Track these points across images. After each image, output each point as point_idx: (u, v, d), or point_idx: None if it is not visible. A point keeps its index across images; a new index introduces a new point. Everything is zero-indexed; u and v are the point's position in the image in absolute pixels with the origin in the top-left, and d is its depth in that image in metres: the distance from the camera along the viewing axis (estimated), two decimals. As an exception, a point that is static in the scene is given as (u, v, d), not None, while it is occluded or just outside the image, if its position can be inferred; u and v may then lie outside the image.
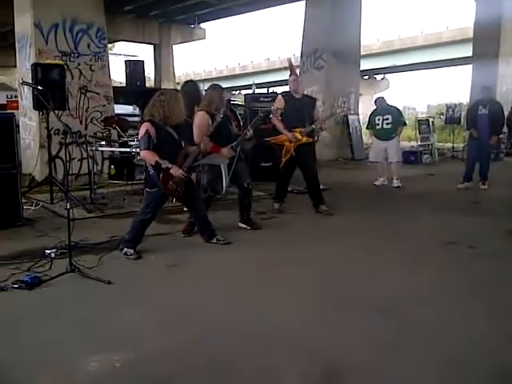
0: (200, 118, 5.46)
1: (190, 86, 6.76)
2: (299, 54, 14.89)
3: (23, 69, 9.06)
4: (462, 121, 14.26)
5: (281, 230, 5.80)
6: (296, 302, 3.62)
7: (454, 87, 79.60)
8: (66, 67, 7.80)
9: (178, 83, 24.84)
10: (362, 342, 2.99)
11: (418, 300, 3.66)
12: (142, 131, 4.70)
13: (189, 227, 5.52)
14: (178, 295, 3.75)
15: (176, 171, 4.63)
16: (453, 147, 14.92)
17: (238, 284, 3.99)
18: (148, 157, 4.66)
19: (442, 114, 15.72)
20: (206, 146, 5.25)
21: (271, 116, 6.52)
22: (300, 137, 6.27)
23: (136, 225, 4.84)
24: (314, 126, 6.34)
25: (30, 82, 6.86)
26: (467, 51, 19.00)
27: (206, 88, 6.34)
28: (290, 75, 6.73)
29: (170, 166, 4.61)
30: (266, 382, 2.63)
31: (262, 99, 9.66)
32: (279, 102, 6.52)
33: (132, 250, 4.70)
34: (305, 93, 6.83)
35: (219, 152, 5.34)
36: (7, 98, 11.82)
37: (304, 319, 3.33)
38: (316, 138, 6.63)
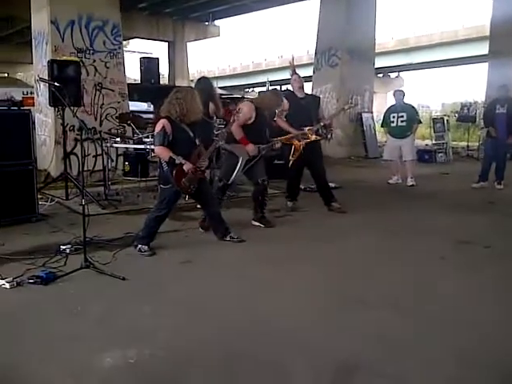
0: (246, 108, 5.52)
1: (204, 82, 6.76)
2: (313, 52, 14.84)
3: (39, 65, 9.12)
4: (477, 119, 14.13)
5: (294, 228, 5.80)
6: (309, 299, 3.62)
7: (469, 85, 78.89)
8: (81, 64, 7.85)
9: (191, 80, 24.90)
10: (375, 341, 2.98)
11: (432, 298, 3.64)
12: (158, 127, 4.71)
13: (204, 222, 5.53)
14: (192, 292, 3.76)
15: (188, 167, 4.65)
16: (467, 146, 14.78)
17: (251, 281, 4.00)
18: (162, 153, 4.67)
19: (457, 112, 15.58)
20: (238, 134, 5.34)
21: (276, 118, 6.45)
22: (309, 135, 6.26)
23: (150, 221, 4.86)
24: (322, 124, 6.32)
25: (46, 78, 6.91)
26: (483, 49, 18.81)
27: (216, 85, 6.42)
28: (292, 75, 6.70)
29: (183, 161, 4.63)
30: (279, 380, 2.63)
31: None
32: (283, 104, 6.38)
33: (146, 247, 4.73)
34: (317, 90, 6.82)
35: (246, 145, 5.41)
36: (23, 94, 11.93)
37: (317, 317, 3.33)
38: (329, 136, 6.62)
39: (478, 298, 3.66)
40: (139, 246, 4.74)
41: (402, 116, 8.93)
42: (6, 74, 33.31)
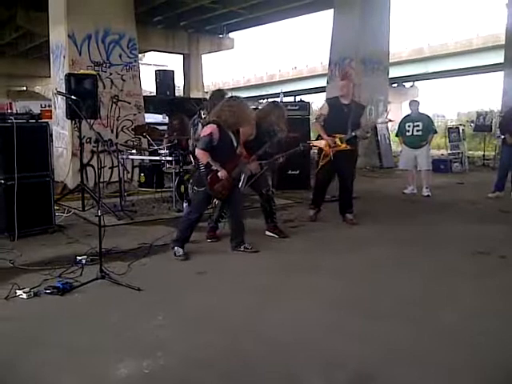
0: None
1: (218, 95, 6.81)
2: (327, 62, 14.87)
3: (57, 79, 9.28)
4: (493, 128, 14.00)
5: (308, 239, 5.78)
6: (320, 310, 3.62)
7: (484, 94, 78.23)
8: (98, 77, 7.96)
9: (206, 92, 25.09)
10: (386, 351, 2.97)
11: (446, 309, 3.61)
12: (206, 131, 4.84)
13: (212, 232, 5.62)
14: (206, 302, 3.77)
15: (223, 175, 4.78)
16: (483, 155, 14.66)
17: (265, 292, 3.99)
18: (202, 156, 4.83)
19: (473, 121, 15.46)
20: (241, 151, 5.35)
21: (314, 121, 6.46)
22: (339, 143, 6.17)
23: (183, 224, 5.03)
24: (354, 134, 6.18)
25: (64, 91, 7.02)
26: (499, 58, 18.69)
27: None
28: (342, 79, 6.61)
29: (219, 168, 4.78)
30: (293, 390, 2.62)
31: (289, 107, 9.65)
32: (323, 109, 6.48)
33: (181, 250, 4.89)
34: (355, 99, 6.63)
35: (248, 162, 5.39)
36: (41, 107, 12.11)
37: (329, 327, 3.32)
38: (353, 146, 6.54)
39: (493, 308, 3.61)
40: (175, 248, 4.91)
41: (418, 125, 8.89)
42: (25, 88, 33.94)
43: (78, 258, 4.66)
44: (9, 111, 9.53)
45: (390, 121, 6.89)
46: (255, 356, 2.92)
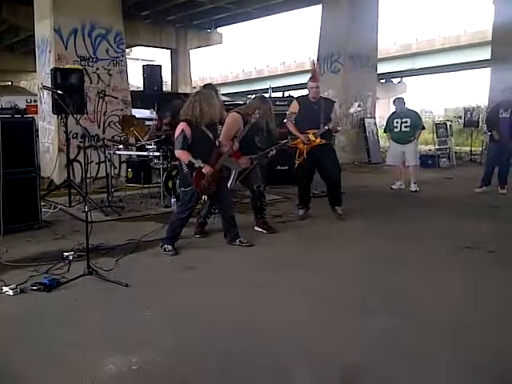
0: (232, 120, 5.54)
1: (209, 89, 6.78)
2: (315, 58, 14.87)
3: (43, 73, 9.19)
4: (480, 124, 14.12)
5: (297, 234, 5.79)
6: (311, 304, 3.62)
7: (471, 90, 78.89)
8: (84, 72, 7.89)
9: (194, 87, 25.00)
10: (378, 346, 2.98)
11: (434, 303, 3.63)
12: (177, 131, 4.85)
13: (200, 228, 5.62)
14: (195, 298, 3.76)
15: (207, 170, 4.77)
16: (471, 151, 14.78)
17: (253, 287, 3.99)
18: (182, 156, 4.83)
19: (460, 117, 15.57)
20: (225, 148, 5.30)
21: (285, 120, 6.42)
22: (313, 138, 6.17)
23: (173, 224, 5.02)
24: (326, 127, 6.18)
25: (50, 86, 6.95)
26: (485, 54, 18.82)
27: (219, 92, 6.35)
28: (312, 80, 6.48)
29: (202, 165, 4.77)
30: (282, 385, 2.62)
31: (278, 103, 9.64)
32: (293, 106, 6.48)
33: (170, 247, 4.91)
34: (323, 95, 6.62)
35: (238, 158, 5.37)
36: (27, 102, 12.00)
37: (319, 322, 3.32)
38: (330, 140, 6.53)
39: (483, 303, 3.64)
40: (164, 245, 4.92)
41: (406, 122, 8.93)
42: (10, 83, 33.54)
43: (65, 254, 4.63)
44: (-6, 106, 9.44)
45: (360, 107, 6.85)
46: (245, 351, 2.92)
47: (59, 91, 5.59)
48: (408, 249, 5.11)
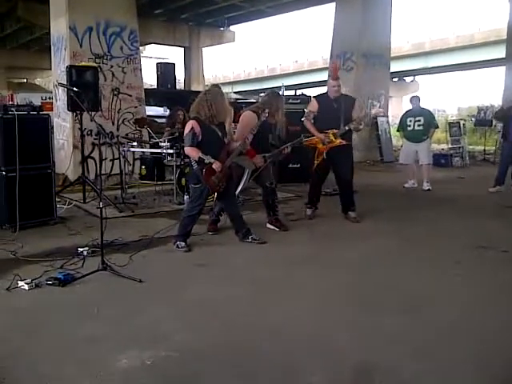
0: (248, 118, 5.53)
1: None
2: (328, 56, 14.85)
3: (58, 71, 9.27)
4: (494, 123, 14.00)
5: (309, 231, 5.80)
6: (322, 302, 3.63)
7: (485, 89, 78.09)
8: (99, 69, 7.95)
9: (206, 85, 25.04)
10: (389, 344, 2.98)
11: (447, 302, 3.63)
12: (187, 128, 4.90)
13: (213, 225, 5.64)
14: (208, 294, 3.79)
15: (217, 166, 4.80)
16: (484, 150, 14.66)
17: (265, 284, 4.01)
18: (192, 153, 4.86)
19: (473, 116, 15.45)
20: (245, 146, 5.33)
21: (303, 119, 6.27)
22: (333, 138, 5.99)
23: (184, 220, 5.06)
24: (347, 128, 6.00)
25: (65, 83, 7.01)
26: (500, 52, 18.64)
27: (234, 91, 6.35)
28: (332, 78, 6.35)
29: (212, 161, 4.80)
30: (295, 381, 2.64)
31: (290, 101, 9.66)
32: (312, 105, 6.29)
33: (183, 243, 4.95)
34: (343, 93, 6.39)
35: (252, 157, 5.38)
36: (42, 99, 12.10)
37: (331, 320, 3.33)
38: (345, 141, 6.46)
39: (495, 303, 3.62)
40: (177, 242, 4.96)
41: (419, 120, 8.89)
42: (25, 80, 33.87)
43: (80, 249, 4.67)
44: (10, 103, 9.53)
45: (383, 114, 6.67)
46: (257, 348, 2.94)
47: (74, 88, 5.64)
48: (421, 248, 5.10)
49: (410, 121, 8.99)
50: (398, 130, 9.85)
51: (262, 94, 6.13)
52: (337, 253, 4.91)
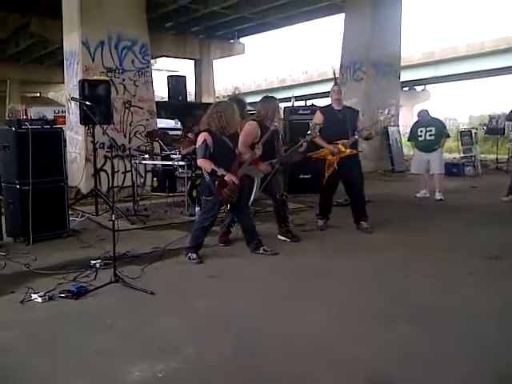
0: (250, 127, 5.55)
1: (237, 101, 6.84)
2: (338, 66, 14.87)
3: (70, 85, 9.38)
4: (506, 131, 13.89)
5: (320, 243, 5.78)
6: (334, 314, 3.62)
7: (496, 97, 77.61)
8: (111, 83, 8.04)
9: (217, 97, 25.19)
10: (401, 356, 2.96)
11: (460, 314, 3.59)
12: (199, 140, 4.94)
13: (224, 237, 5.65)
14: (219, 305, 3.79)
15: (230, 178, 4.82)
16: (497, 159, 14.52)
17: (277, 296, 4.01)
18: (204, 165, 4.89)
19: (485, 125, 15.34)
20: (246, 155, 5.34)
21: (309, 132, 6.15)
22: (343, 149, 6.01)
23: (196, 232, 5.08)
24: (356, 137, 6.10)
25: (78, 97, 7.09)
26: (511, 60, 18.56)
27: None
28: (334, 85, 6.49)
29: (224, 173, 4.83)
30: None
31: (300, 112, 9.69)
32: (318, 117, 6.30)
33: (195, 255, 4.97)
34: (346, 104, 6.53)
35: (258, 165, 5.39)
36: (55, 113, 12.23)
37: (342, 332, 3.32)
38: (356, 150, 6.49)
39: (507, 316, 3.58)
40: (189, 254, 4.98)
41: (431, 130, 8.85)
42: (39, 94, 34.31)
43: (92, 262, 4.70)
44: (24, 117, 9.65)
45: (392, 116, 6.74)
46: (270, 360, 2.93)
47: (87, 102, 5.70)
48: (433, 259, 5.06)
49: (421, 131, 8.96)
50: (408, 140, 9.82)
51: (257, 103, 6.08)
52: (349, 264, 4.89)
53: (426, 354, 2.99)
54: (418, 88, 38.92)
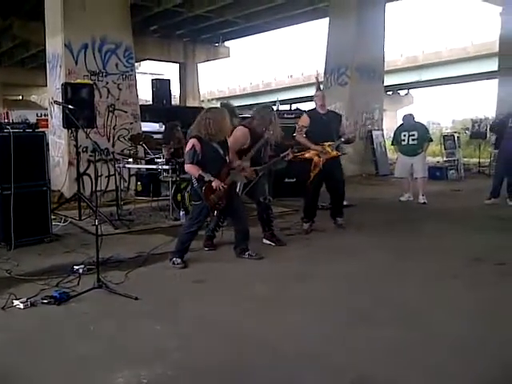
0: (239, 134, 5.56)
1: (227, 107, 6.86)
2: (323, 71, 14.95)
3: (53, 88, 9.29)
4: (488, 135, 14.08)
5: (305, 246, 5.79)
6: (321, 317, 3.62)
7: (479, 102, 78.71)
8: (94, 86, 7.98)
9: (202, 101, 25.15)
10: (386, 357, 2.98)
11: (443, 316, 3.62)
12: (188, 146, 4.93)
13: (209, 241, 5.63)
14: (204, 311, 3.77)
15: (217, 184, 4.79)
16: (479, 162, 14.71)
17: (263, 300, 4.00)
18: (192, 170, 4.88)
19: (467, 129, 15.52)
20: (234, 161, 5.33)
21: (296, 134, 6.42)
22: (330, 150, 6.21)
23: (183, 237, 5.04)
24: (342, 140, 6.36)
25: (60, 101, 7.03)
26: (493, 65, 18.84)
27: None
28: (317, 90, 6.72)
29: (212, 178, 4.81)
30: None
31: (286, 116, 9.70)
32: (304, 120, 6.48)
33: (180, 260, 4.93)
34: (330, 109, 6.74)
35: (242, 170, 5.37)
36: (37, 116, 12.12)
37: (328, 335, 3.32)
38: (340, 152, 6.61)
39: (490, 316, 3.62)
40: (173, 259, 4.94)
41: (414, 135, 8.94)
42: (21, 97, 33.91)
43: (75, 267, 4.65)
44: (6, 120, 9.55)
45: (376, 121, 7.14)
46: (255, 364, 2.92)
47: (70, 106, 5.65)
48: (417, 261, 5.09)
49: (405, 135, 9.05)
50: (392, 144, 9.91)
51: (254, 109, 6.14)
52: (334, 267, 4.90)
53: (412, 354, 3.01)
54: (402, 92, 39.29)
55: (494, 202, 8.49)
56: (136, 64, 11.52)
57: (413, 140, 8.94)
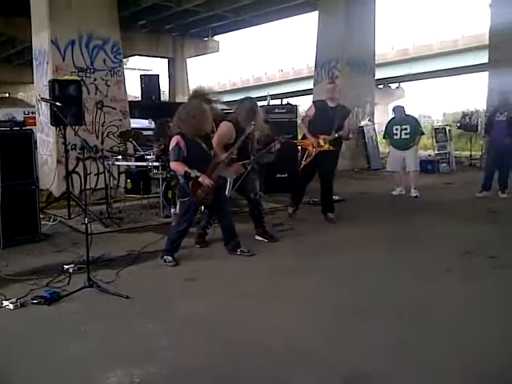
0: (225, 128, 5.51)
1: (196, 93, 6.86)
2: (313, 64, 14.90)
3: (40, 85, 9.18)
4: (479, 128, 14.12)
5: (298, 242, 5.77)
6: (315, 313, 3.60)
7: (470, 94, 79.04)
8: (82, 83, 7.88)
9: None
10: (379, 352, 2.96)
11: (437, 310, 3.61)
12: (172, 144, 4.88)
13: (201, 238, 5.58)
14: (196, 309, 3.73)
15: (204, 179, 4.76)
16: (470, 155, 14.76)
17: (255, 297, 3.96)
18: (178, 167, 4.85)
19: (459, 121, 15.55)
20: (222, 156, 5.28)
21: (300, 122, 6.72)
22: (322, 143, 6.39)
23: (173, 235, 5.01)
24: (337, 135, 6.41)
25: (48, 98, 6.93)
26: (483, 58, 18.87)
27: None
28: (329, 83, 6.83)
29: (198, 174, 4.77)
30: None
31: (276, 110, 9.66)
32: (310, 110, 6.75)
33: (171, 257, 4.89)
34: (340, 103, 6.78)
35: (230, 166, 5.33)
36: (24, 114, 11.98)
37: (323, 330, 3.30)
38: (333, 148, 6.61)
39: (484, 309, 3.62)
40: (164, 257, 4.90)
41: (406, 128, 8.94)
42: (7, 95, 33.57)
43: (65, 266, 4.59)
44: (-8, 119, 9.42)
45: (370, 121, 7.27)
46: (247, 362, 2.89)
47: (57, 103, 5.57)
48: (409, 254, 5.09)
49: (397, 129, 9.04)
50: (384, 137, 9.89)
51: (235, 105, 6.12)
52: (326, 262, 4.88)
53: (405, 349, 2.99)
54: (393, 86, 39.33)
55: (485, 195, 8.50)
56: (124, 60, 11.44)
57: (405, 134, 8.94)
